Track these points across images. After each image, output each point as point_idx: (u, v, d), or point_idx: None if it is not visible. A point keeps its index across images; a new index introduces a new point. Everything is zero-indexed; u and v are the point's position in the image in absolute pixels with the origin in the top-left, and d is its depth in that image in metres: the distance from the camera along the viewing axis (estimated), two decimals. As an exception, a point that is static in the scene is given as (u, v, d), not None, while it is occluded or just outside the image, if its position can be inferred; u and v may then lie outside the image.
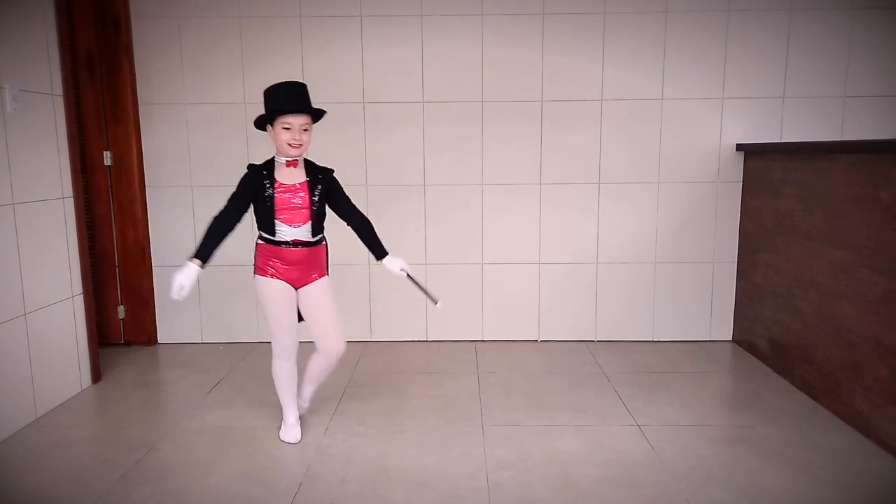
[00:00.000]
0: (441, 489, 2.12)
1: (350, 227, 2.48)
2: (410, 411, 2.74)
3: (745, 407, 2.76)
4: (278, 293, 2.33)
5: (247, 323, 3.68)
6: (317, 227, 2.35)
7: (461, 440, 2.46)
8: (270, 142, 3.53)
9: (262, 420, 2.66)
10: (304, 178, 2.34)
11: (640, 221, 3.58)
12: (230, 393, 2.96)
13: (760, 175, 3.33)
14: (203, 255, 2.23)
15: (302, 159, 2.37)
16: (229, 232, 2.28)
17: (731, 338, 3.65)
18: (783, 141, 3.46)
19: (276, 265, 2.33)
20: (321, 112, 2.36)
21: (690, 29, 3.41)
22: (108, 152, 3.47)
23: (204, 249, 2.24)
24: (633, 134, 3.50)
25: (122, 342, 3.65)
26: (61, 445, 2.45)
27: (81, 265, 2.97)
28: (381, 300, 3.67)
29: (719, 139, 3.48)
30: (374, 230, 2.49)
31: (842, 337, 2.62)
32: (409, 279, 2.46)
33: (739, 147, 3.46)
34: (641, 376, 3.12)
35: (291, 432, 2.47)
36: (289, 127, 2.27)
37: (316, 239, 2.36)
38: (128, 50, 3.39)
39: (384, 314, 3.69)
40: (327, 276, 2.45)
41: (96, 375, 3.09)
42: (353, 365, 3.30)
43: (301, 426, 2.52)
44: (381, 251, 2.47)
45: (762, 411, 2.71)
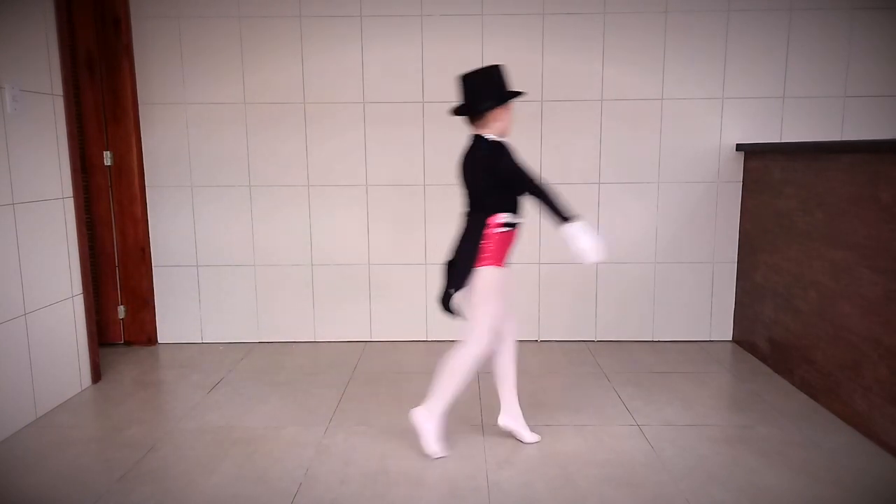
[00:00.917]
0: (441, 489, 2.12)
1: None
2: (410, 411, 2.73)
3: (745, 407, 2.76)
4: (506, 279, 2.30)
5: (247, 323, 3.68)
6: None
7: (461, 440, 2.46)
8: (270, 142, 3.54)
9: (262, 420, 2.66)
10: None
11: (640, 221, 3.58)
12: (230, 393, 2.95)
13: (760, 175, 3.33)
14: (570, 215, 2.16)
15: None
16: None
17: (731, 338, 3.65)
18: (783, 141, 3.46)
19: (509, 252, 2.27)
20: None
21: (690, 29, 3.41)
22: (108, 152, 3.47)
23: (566, 209, 2.16)
24: (633, 134, 3.50)
25: (122, 342, 3.65)
26: (61, 445, 2.45)
27: (81, 265, 2.97)
28: (381, 300, 3.67)
29: (719, 139, 3.48)
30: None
31: (842, 337, 2.62)
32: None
33: (739, 147, 3.46)
34: (641, 376, 3.12)
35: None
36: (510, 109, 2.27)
37: None
38: (128, 50, 3.39)
39: (384, 314, 3.69)
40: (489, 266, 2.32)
41: (96, 375, 3.09)
42: (353, 365, 3.30)
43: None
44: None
45: (762, 411, 2.71)
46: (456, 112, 2.32)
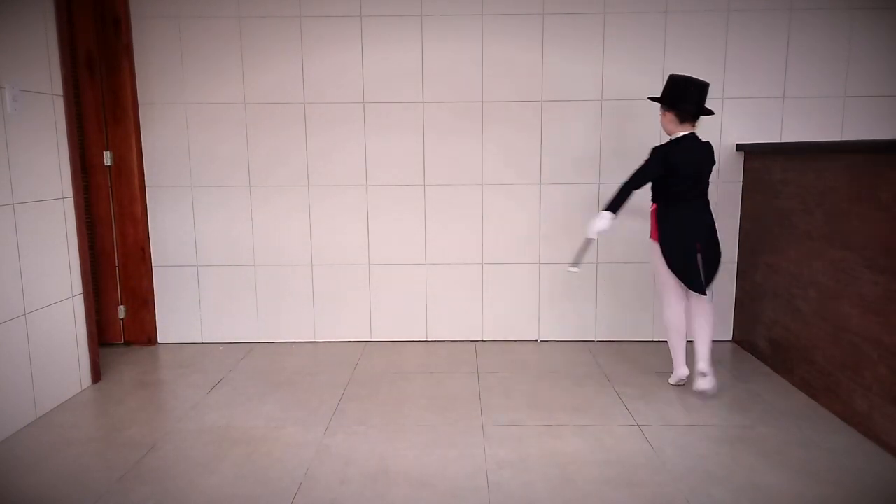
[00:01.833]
0: (441, 489, 2.12)
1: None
2: (410, 411, 2.74)
3: (745, 407, 2.76)
4: None
5: (247, 323, 3.68)
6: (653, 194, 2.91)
7: (461, 440, 2.46)
8: (270, 142, 3.55)
9: (262, 420, 2.66)
10: None
11: (640, 221, 3.57)
12: (230, 393, 2.96)
13: (760, 175, 3.33)
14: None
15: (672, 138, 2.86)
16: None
17: (731, 338, 3.65)
18: (783, 141, 3.46)
19: None
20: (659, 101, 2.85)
21: (690, 29, 3.41)
22: (108, 152, 3.47)
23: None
24: (633, 134, 3.49)
25: (122, 342, 3.65)
26: (61, 445, 2.45)
27: (81, 265, 2.97)
28: (381, 300, 3.68)
29: (719, 139, 3.48)
30: (618, 190, 2.82)
31: (842, 337, 2.62)
32: (585, 241, 2.84)
33: (739, 147, 3.46)
34: (641, 376, 3.12)
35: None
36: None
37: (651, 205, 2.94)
38: (128, 50, 3.39)
39: (384, 314, 3.69)
40: (653, 241, 2.91)
41: (96, 375, 3.09)
42: (353, 365, 3.31)
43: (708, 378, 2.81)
44: (606, 205, 2.82)
45: (762, 411, 2.71)
46: (686, 109, 2.79)
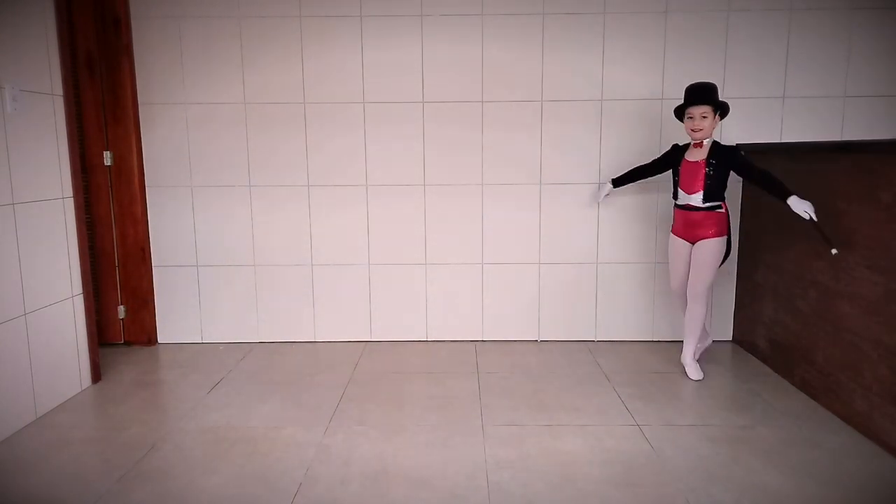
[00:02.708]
0: (441, 489, 2.12)
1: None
2: (410, 411, 2.74)
3: (745, 407, 2.76)
4: (673, 246, 3.11)
5: (247, 323, 3.68)
6: (708, 196, 2.92)
7: (461, 440, 2.46)
8: (270, 142, 3.55)
9: (262, 420, 2.66)
10: (704, 157, 2.92)
11: (641, 221, 3.57)
12: (230, 393, 2.96)
13: (760, 175, 3.33)
14: (618, 183, 3.27)
15: (709, 141, 2.94)
16: (641, 178, 3.25)
17: (731, 338, 3.65)
18: (783, 141, 3.46)
19: (676, 224, 3.08)
20: (719, 103, 2.89)
21: (690, 29, 3.41)
22: (108, 152, 3.47)
23: (621, 180, 3.26)
24: (634, 134, 3.50)
25: (122, 342, 3.65)
26: (61, 445, 2.45)
27: (81, 265, 2.97)
28: (381, 300, 3.68)
29: (719, 139, 3.46)
30: (773, 180, 2.78)
31: (842, 337, 2.62)
32: (812, 223, 2.64)
33: (739, 147, 3.46)
34: (641, 376, 3.12)
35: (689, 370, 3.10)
36: (692, 117, 2.90)
37: (706, 206, 2.93)
38: (128, 50, 3.39)
39: (384, 314, 3.69)
40: (717, 238, 2.96)
41: (96, 375, 3.09)
42: (353, 365, 3.31)
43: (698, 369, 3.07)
44: (784, 193, 2.72)
45: (762, 411, 2.71)
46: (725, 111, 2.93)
